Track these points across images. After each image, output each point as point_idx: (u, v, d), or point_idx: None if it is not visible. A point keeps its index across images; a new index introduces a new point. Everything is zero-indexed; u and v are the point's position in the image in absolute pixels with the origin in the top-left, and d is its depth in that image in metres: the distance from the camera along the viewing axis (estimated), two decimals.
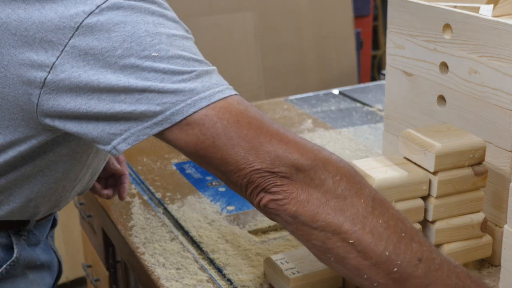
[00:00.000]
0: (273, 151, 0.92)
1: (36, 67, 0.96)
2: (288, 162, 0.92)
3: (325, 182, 0.91)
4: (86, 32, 0.94)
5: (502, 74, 1.18)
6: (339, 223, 0.89)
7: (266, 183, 0.92)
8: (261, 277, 1.25)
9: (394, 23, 1.42)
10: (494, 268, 1.27)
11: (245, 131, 0.93)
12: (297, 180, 0.91)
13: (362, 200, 0.92)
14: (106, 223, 1.57)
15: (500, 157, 1.22)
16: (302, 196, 0.91)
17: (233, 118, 0.94)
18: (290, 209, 0.91)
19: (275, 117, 2.08)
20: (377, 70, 5.14)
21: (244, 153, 0.92)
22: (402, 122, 1.46)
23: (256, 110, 0.99)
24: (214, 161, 0.94)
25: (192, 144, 0.95)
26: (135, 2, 0.97)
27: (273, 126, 0.96)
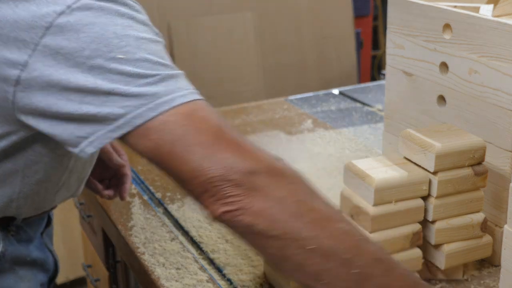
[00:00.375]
0: (228, 158, 0.91)
1: (10, 65, 0.96)
2: (243, 170, 0.91)
3: (281, 190, 0.92)
4: (57, 32, 0.95)
5: (502, 74, 1.18)
6: (297, 230, 0.89)
7: (221, 192, 0.90)
8: (261, 277, 1.25)
9: (394, 23, 1.42)
10: (494, 268, 1.27)
11: (203, 137, 0.92)
12: (252, 189, 0.90)
13: (319, 206, 0.93)
14: (106, 223, 1.57)
15: (500, 157, 1.22)
16: (257, 205, 0.90)
17: (192, 124, 0.94)
18: (245, 220, 0.90)
19: (275, 117, 2.08)
20: (377, 70, 5.14)
21: (200, 161, 0.91)
22: (402, 122, 1.46)
23: (217, 117, 0.97)
24: (172, 168, 0.94)
25: (150, 150, 0.94)
26: (105, 4, 0.97)
27: (232, 134, 0.95)
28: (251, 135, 1.94)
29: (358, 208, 1.12)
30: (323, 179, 1.65)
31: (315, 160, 1.76)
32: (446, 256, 1.18)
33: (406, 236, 1.13)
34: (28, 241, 1.33)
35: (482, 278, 1.24)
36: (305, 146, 1.86)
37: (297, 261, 0.90)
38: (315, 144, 1.87)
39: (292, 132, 1.96)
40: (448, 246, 1.18)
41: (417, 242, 1.15)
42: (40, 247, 1.38)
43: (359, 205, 1.12)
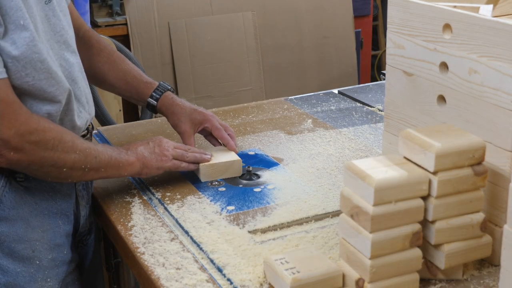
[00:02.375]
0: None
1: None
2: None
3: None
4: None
5: (502, 74, 1.18)
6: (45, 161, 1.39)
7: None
8: (261, 277, 1.25)
9: (394, 23, 1.42)
10: (494, 268, 1.27)
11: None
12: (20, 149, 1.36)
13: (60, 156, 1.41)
14: (106, 223, 1.57)
15: (500, 157, 1.22)
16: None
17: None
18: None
19: (275, 117, 2.09)
20: (377, 70, 5.14)
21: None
22: (402, 122, 1.46)
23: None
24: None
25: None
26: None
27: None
28: (251, 135, 1.94)
29: (358, 208, 1.12)
30: (323, 179, 1.65)
31: (315, 160, 1.76)
32: (446, 256, 1.18)
33: (406, 236, 1.13)
34: (48, 190, 1.47)
35: (482, 278, 1.24)
36: (305, 146, 1.86)
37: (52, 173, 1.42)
38: (315, 144, 1.87)
39: (292, 132, 1.96)
40: (448, 246, 1.18)
41: (417, 242, 1.15)
42: (67, 199, 1.52)
43: (359, 205, 1.12)
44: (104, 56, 1.74)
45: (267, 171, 1.71)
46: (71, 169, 1.42)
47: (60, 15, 1.47)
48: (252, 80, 3.99)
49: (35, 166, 1.39)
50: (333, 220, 1.47)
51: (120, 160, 1.50)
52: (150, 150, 1.56)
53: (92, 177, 1.48)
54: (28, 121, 1.35)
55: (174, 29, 3.75)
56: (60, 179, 1.46)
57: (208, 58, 3.85)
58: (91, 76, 1.73)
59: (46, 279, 1.48)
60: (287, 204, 1.53)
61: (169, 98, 1.74)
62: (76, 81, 1.51)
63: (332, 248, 1.34)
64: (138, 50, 3.67)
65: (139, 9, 3.68)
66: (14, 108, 1.34)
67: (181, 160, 1.60)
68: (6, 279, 1.43)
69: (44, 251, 1.47)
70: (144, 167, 1.54)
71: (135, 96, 1.77)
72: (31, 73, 1.37)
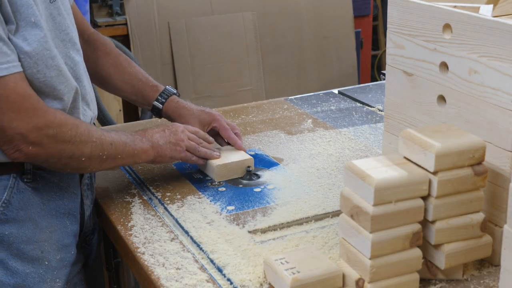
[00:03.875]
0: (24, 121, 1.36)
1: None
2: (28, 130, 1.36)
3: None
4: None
5: (502, 74, 1.18)
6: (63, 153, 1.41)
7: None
8: (261, 277, 1.25)
9: (394, 23, 1.42)
10: (494, 268, 1.27)
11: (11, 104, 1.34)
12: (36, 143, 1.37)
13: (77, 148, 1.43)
14: (106, 223, 1.57)
15: (500, 157, 1.22)
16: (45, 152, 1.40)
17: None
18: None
19: (275, 117, 2.09)
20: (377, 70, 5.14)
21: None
22: (402, 122, 1.46)
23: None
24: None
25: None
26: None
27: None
28: (251, 135, 1.94)
29: (358, 208, 1.12)
30: (323, 179, 1.65)
31: (315, 160, 1.76)
32: (446, 256, 1.18)
33: (406, 236, 1.14)
34: (55, 190, 1.48)
35: (482, 278, 1.24)
36: (305, 146, 1.86)
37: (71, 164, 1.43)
38: (315, 144, 1.87)
39: (292, 132, 1.96)
40: (448, 246, 1.18)
41: (417, 242, 1.15)
42: (74, 198, 1.52)
43: (359, 205, 1.12)
44: (110, 59, 1.75)
45: (267, 171, 1.71)
46: (90, 159, 1.43)
47: (64, 14, 1.47)
48: (252, 80, 3.99)
49: (54, 159, 1.39)
50: (333, 220, 1.47)
51: (135, 148, 1.51)
52: (166, 138, 1.57)
53: (110, 165, 1.49)
54: (45, 115, 1.36)
55: (174, 29, 3.75)
56: (79, 169, 1.46)
57: (208, 58, 3.84)
58: (96, 79, 1.74)
59: (55, 279, 1.48)
60: (287, 204, 1.53)
61: (175, 101, 1.75)
62: (81, 80, 1.51)
63: (332, 248, 1.34)
64: (138, 50, 3.67)
65: (139, 9, 3.68)
66: (31, 102, 1.35)
67: (192, 153, 1.61)
68: (16, 281, 1.43)
69: (52, 251, 1.48)
70: (158, 156, 1.55)
71: (140, 100, 1.77)
72: (42, 70, 1.37)
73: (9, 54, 1.32)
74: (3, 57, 1.30)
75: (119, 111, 3.70)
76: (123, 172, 1.74)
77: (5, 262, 1.42)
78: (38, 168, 1.45)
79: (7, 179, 1.42)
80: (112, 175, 1.72)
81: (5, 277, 1.42)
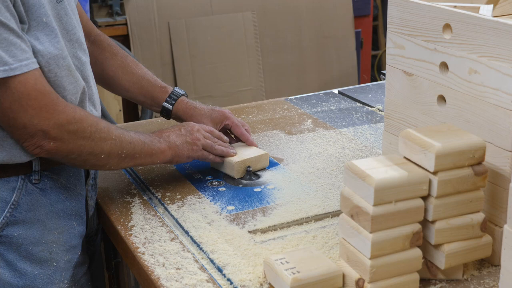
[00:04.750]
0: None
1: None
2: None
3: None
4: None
5: (502, 74, 1.18)
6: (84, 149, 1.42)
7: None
8: (261, 277, 1.25)
9: (394, 23, 1.42)
10: (494, 268, 1.27)
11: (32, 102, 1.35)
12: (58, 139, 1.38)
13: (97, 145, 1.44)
14: (106, 223, 1.57)
15: (500, 157, 1.22)
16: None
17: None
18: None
19: (275, 117, 2.09)
20: (377, 70, 5.14)
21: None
22: (402, 122, 1.46)
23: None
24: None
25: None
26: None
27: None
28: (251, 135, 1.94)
29: (358, 208, 1.12)
30: (323, 179, 1.65)
31: (315, 160, 1.76)
32: (446, 256, 1.18)
33: (406, 236, 1.14)
34: (62, 191, 1.48)
35: (482, 278, 1.24)
36: (305, 146, 1.86)
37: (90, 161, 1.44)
38: (315, 144, 1.87)
39: (292, 132, 1.96)
40: (448, 246, 1.18)
41: (417, 242, 1.15)
42: (80, 199, 1.52)
43: (359, 205, 1.12)
44: (118, 59, 1.74)
45: (267, 171, 1.71)
46: (109, 156, 1.44)
47: (71, 14, 1.47)
48: (252, 80, 3.99)
49: (74, 154, 1.40)
50: (333, 220, 1.47)
51: (153, 148, 1.52)
52: (182, 138, 1.58)
53: (128, 163, 1.50)
54: (65, 111, 1.37)
55: (174, 29, 3.75)
56: (98, 166, 1.48)
57: (208, 58, 3.85)
58: (103, 80, 1.74)
59: (63, 280, 1.48)
60: (287, 204, 1.53)
61: (185, 102, 1.75)
62: (88, 80, 1.51)
63: (332, 248, 1.34)
64: (138, 50, 3.67)
65: (139, 9, 3.68)
66: (51, 98, 1.35)
67: (209, 152, 1.62)
68: (24, 282, 1.44)
69: (60, 252, 1.48)
70: (175, 156, 1.56)
71: (149, 101, 1.77)
72: (53, 69, 1.38)
73: (27, 51, 1.32)
74: (22, 54, 1.30)
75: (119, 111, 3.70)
76: (123, 172, 1.74)
77: (14, 263, 1.42)
78: (45, 169, 1.45)
79: (15, 180, 1.42)
80: (112, 175, 1.72)
81: (14, 279, 1.43)
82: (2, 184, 1.40)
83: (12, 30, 1.29)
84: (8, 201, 1.41)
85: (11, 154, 1.38)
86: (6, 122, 1.34)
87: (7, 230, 1.41)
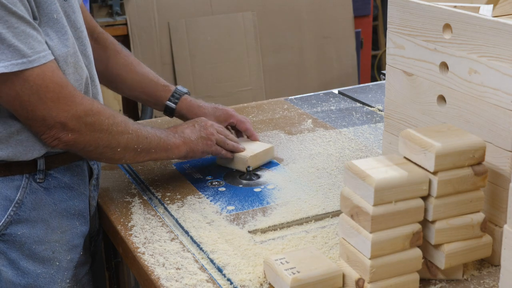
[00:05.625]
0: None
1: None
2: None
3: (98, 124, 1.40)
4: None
5: (502, 74, 1.18)
6: (100, 142, 1.42)
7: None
8: (261, 277, 1.25)
9: (394, 23, 1.42)
10: (494, 268, 1.27)
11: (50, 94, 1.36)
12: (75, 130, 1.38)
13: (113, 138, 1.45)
14: (106, 223, 1.57)
15: (500, 157, 1.22)
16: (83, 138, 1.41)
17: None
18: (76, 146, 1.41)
19: (275, 117, 2.09)
20: (377, 70, 5.14)
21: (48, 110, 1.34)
22: (402, 122, 1.46)
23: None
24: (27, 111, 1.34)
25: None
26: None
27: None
28: None
29: (358, 208, 1.12)
30: (323, 179, 1.65)
31: (315, 160, 1.76)
32: (446, 256, 1.18)
33: (406, 236, 1.14)
34: (65, 191, 1.48)
35: (482, 278, 1.24)
36: (305, 146, 1.86)
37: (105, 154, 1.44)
38: (315, 144, 1.87)
39: (292, 132, 1.96)
40: (448, 246, 1.18)
41: (417, 242, 1.15)
42: (83, 199, 1.52)
43: (359, 205, 1.12)
44: (121, 58, 1.75)
45: (267, 171, 1.71)
46: (125, 150, 1.45)
47: (78, 12, 1.48)
48: (252, 80, 3.99)
49: (91, 147, 1.41)
50: (333, 220, 1.47)
51: (168, 143, 1.53)
52: (197, 133, 1.59)
53: (143, 158, 1.50)
54: (83, 103, 1.37)
55: (174, 29, 3.75)
56: (114, 160, 1.48)
57: (208, 58, 3.84)
58: (106, 78, 1.74)
59: (65, 280, 1.49)
60: (287, 204, 1.53)
61: (188, 100, 1.76)
62: (94, 79, 1.52)
63: (332, 248, 1.34)
64: (138, 50, 3.67)
65: (139, 9, 3.68)
66: (69, 90, 1.35)
67: (222, 147, 1.64)
68: (27, 281, 1.44)
69: (63, 252, 1.48)
70: (190, 151, 1.57)
71: (152, 100, 1.78)
72: (62, 66, 1.38)
73: (43, 42, 1.32)
74: (39, 45, 1.31)
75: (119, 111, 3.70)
76: (123, 172, 1.74)
77: (16, 262, 1.43)
78: (49, 168, 1.46)
79: (20, 179, 1.42)
80: (112, 175, 1.73)
81: (16, 278, 1.43)
82: (6, 183, 1.41)
83: (28, 23, 1.29)
84: (12, 199, 1.41)
85: (16, 151, 1.39)
86: (25, 115, 1.34)
87: (11, 228, 1.41)
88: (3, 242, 1.42)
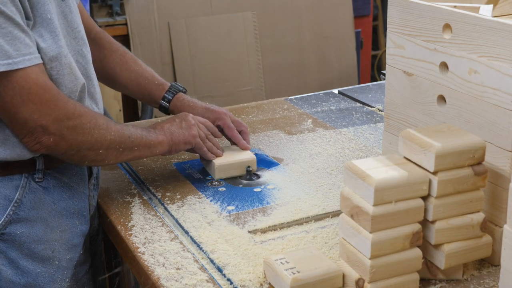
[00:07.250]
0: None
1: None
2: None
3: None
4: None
5: (502, 74, 1.18)
6: (83, 144, 1.41)
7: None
8: (261, 277, 1.25)
9: (394, 23, 1.42)
10: (494, 268, 1.27)
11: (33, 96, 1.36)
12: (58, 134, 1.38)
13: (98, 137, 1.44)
14: (106, 223, 1.57)
15: (500, 157, 1.22)
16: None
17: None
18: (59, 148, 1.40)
19: (275, 117, 2.08)
20: (377, 70, 5.14)
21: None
22: (402, 122, 1.46)
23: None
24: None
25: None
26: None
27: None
28: (251, 135, 1.94)
29: (358, 208, 1.12)
30: (323, 179, 1.65)
31: (315, 160, 1.76)
32: (446, 256, 1.18)
33: (406, 236, 1.14)
34: (65, 190, 1.49)
35: (482, 278, 1.24)
36: (305, 146, 1.86)
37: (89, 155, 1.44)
38: (315, 144, 1.87)
39: (292, 132, 1.96)
40: (448, 246, 1.18)
41: (417, 242, 1.15)
42: (83, 198, 1.53)
43: (359, 205, 1.12)
44: (117, 57, 1.75)
45: (267, 171, 1.71)
46: (107, 151, 1.44)
47: (75, 11, 1.48)
48: (252, 80, 3.99)
49: (73, 150, 1.40)
50: (333, 220, 1.47)
51: (151, 139, 1.53)
52: (177, 126, 1.59)
53: (127, 157, 1.50)
54: (65, 106, 1.37)
55: (174, 29, 3.75)
56: (97, 162, 1.47)
57: (208, 58, 3.84)
58: (103, 77, 1.75)
59: (65, 279, 1.49)
60: (287, 204, 1.53)
61: (181, 99, 1.76)
62: (91, 78, 1.52)
63: (332, 248, 1.34)
64: (138, 50, 3.67)
65: (139, 9, 3.68)
66: (52, 94, 1.35)
67: (202, 142, 1.63)
68: (26, 280, 1.44)
69: (62, 251, 1.48)
70: (173, 144, 1.57)
71: (147, 98, 1.78)
72: (56, 66, 1.38)
73: (31, 45, 1.32)
74: (25, 48, 1.31)
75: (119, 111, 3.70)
76: (123, 172, 1.74)
77: (16, 261, 1.43)
78: (49, 168, 1.46)
79: (19, 178, 1.42)
80: (112, 175, 1.73)
81: (16, 277, 1.43)
82: (5, 182, 1.41)
83: (17, 24, 1.29)
84: (11, 199, 1.41)
85: (14, 152, 1.39)
86: (7, 117, 1.34)
87: (10, 228, 1.41)
88: (3, 241, 1.42)
